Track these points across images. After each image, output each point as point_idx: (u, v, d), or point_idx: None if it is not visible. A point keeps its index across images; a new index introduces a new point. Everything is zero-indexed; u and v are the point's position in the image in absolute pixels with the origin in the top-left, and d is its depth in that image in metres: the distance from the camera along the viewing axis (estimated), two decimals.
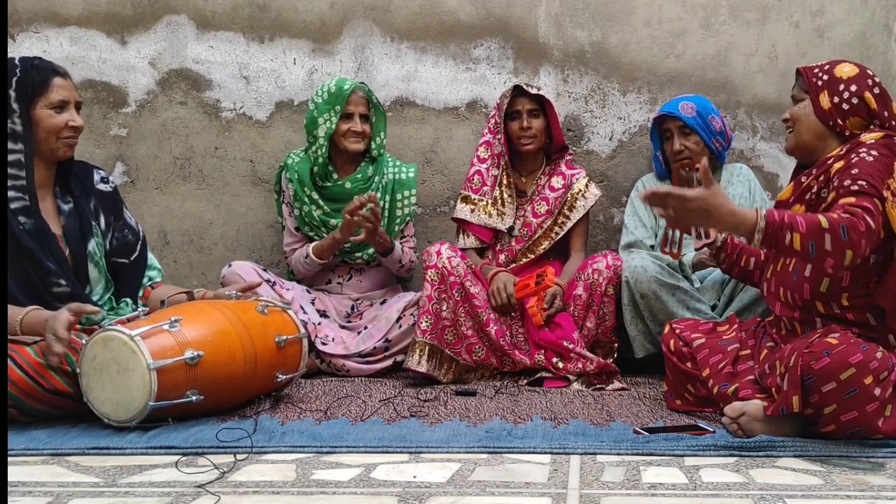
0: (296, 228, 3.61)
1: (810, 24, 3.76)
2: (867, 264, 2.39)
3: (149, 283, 2.96)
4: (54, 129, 2.70)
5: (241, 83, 3.88)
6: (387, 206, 3.56)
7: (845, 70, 2.55)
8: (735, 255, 2.79)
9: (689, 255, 3.27)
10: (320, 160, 3.49)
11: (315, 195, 3.53)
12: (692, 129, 3.40)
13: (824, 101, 2.53)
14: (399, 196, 3.59)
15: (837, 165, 2.43)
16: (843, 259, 2.23)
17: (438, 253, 3.23)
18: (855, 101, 2.51)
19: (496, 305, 3.27)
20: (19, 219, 2.65)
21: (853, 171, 2.36)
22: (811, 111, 2.55)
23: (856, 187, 2.32)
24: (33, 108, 2.68)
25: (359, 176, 3.57)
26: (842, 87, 2.53)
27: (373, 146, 3.58)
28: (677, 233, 2.73)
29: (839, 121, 2.52)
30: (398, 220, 3.59)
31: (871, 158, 2.38)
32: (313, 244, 3.51)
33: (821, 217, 2.24)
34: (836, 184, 2.39)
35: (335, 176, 3.57)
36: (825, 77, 2.55)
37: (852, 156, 2.42)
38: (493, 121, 3.52)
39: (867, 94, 2.52)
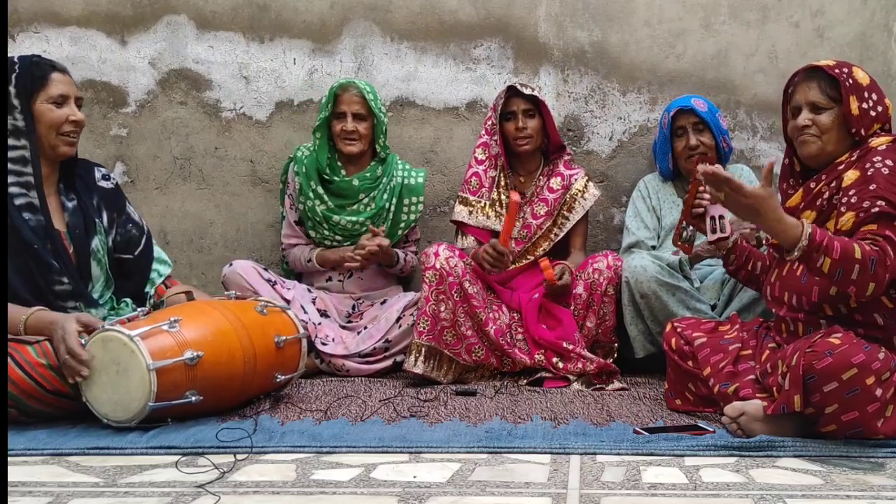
0: (296, 222, 3.62)
1: (810, 24, 3.76)
2: None
3: (160, 279, 2.96)
4: (55, 124, 2.69)
5: (241, 83, 3.88)
6: (392, 208, 3.57)
7: (860, 75, 2.51)
8: (744, 258, 2.79)
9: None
10: (315, 158, 3.54)
11: (320, 189, 3.54)
12: (706, 124, 3.40)
13: (854, 106, 2.47)
14: (406, 201, 3.59)
15: (851, 175, 2.41)
16: (866, 290, 2.29)
17: (437, 254, 3.22)
18: (880, 108, 2.49)
19: (489, 263, 3.23)
20: (24, 215, 2.65)
21: (871, 188, 2.34)
22: (841, 120, 2.48)
23: (876, 209, 2.32)
24: (34, 103, 2.68)
25: (367, 175, 3.58)
26: (866, 93, 2.49)
27: (377, 146, 3.58)
28: (691, 228, 2.76)
29: (862, 129, 2.48)
30: (402, 226, 3.59)
31: (888, 171, 2.37)
32: (318, 252, 3.55)
33: (856, 245, 2.27)
34: (854, 200, 2.37)
35: (343, 172, 3.58)
36: (850, 81, 2.49)
37: (867, 166, 2.39)
38: (489, 122, 3.51)
39: (887, 101, 2.52)
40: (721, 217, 2.70)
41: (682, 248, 2.81)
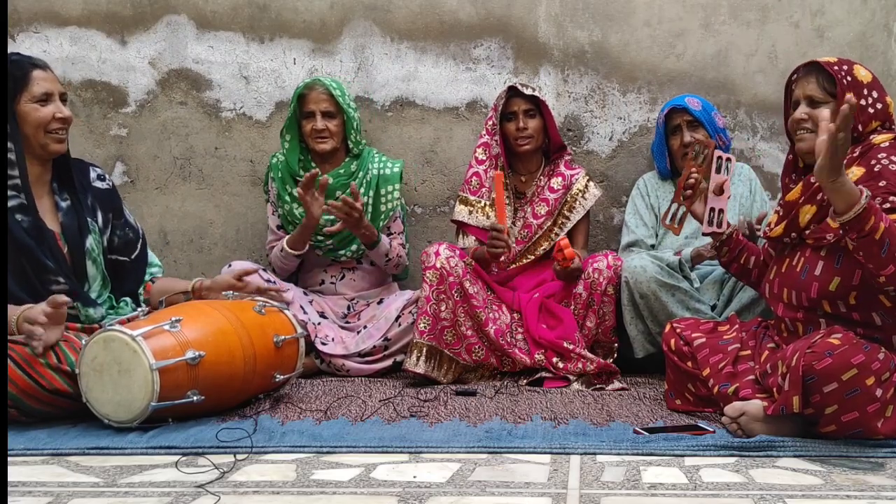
0: (278, 227, 3.62)
1: (810, 24, 3.76)
2: None
3: (149, 278, 2.96)
4: (41, 123, 2.67)
5: (241, 83, 3.88)
6: (370, 201, 3.56)
7: (862, 73, 2.52)
8: (737, 251, 2.81)
9: (687, 250, 3.28)
10: (286, 159, 3.53)
11: (296, 192, 3.53)
12: (700, 122, 3.41)
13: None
14: (383, 191, 3.57)
15: (855, 171, 2.41)
16: None
17: (437, 254, 3.23)
18: (879, 106, 2.50)
19: (492, 246, 3.19)
20: (17, 216, 2.65)
21: (881, 184, 2.34)
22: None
23: (887, 205, 2.31)
24: (17, 104, 2.66)
25: (341, 171, 3.57)
26: (865, 91, 2.49)
27: (350, 143, 3.57)
28: (682, 208, 2.77)
29: (859, 125, 2.48)
30: (382, 216, 3.58)
31: (895, 167, 2.37)
32: (287, 236, 3.52)
33: None
34: None
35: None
36: (849, 78, 2.49)
37: (872, 162, 2.39)
38: (490, 122, 3.52)
39: (888, 99, 2.52)
40: (721, 211, 2.73)
41: (671, 228, 2.84)
